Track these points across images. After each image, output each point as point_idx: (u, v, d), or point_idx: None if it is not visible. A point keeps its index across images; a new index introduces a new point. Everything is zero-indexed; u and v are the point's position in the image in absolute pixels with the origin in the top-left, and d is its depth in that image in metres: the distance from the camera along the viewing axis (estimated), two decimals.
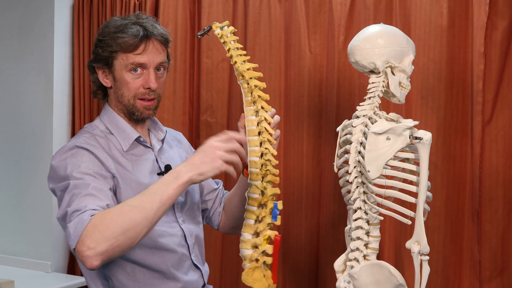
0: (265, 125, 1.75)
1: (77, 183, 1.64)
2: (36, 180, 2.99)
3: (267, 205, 1.75)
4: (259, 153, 1.74)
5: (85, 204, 1.58)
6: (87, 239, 1.51)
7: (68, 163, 1.69)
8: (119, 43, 1.77)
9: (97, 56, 1.82)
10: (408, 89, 1.89)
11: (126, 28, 1.78)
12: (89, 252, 1.51)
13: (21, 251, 3.03)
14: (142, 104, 1.81)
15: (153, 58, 1.79)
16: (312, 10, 2.56)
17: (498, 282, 2.31)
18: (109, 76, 1.83)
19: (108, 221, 1.53)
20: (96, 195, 1.62)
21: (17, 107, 3.05)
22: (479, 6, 2.28)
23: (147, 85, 1.79)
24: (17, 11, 3.03)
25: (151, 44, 1.79)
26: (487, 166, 2.30)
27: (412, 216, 1.79)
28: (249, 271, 1.74)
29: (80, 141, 1.76)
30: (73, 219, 1.56)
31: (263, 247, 1.74)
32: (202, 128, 2.76)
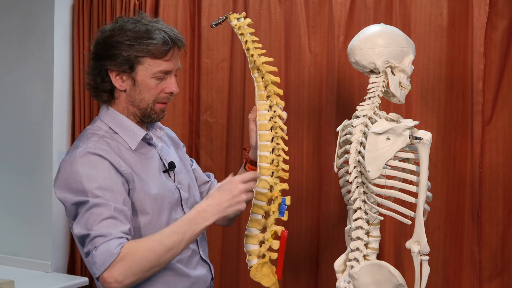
0: (278, 120, 1.75)
1: (97, 202, 1.64)
2: (36, 180, 2.99)
3: (275, 200, 1.74)
4: (271, 148, 1.75)
5: (109, 230, 1.61)
6: (115, 272, 1.58)
7: (82, 174, 1.67)
8: (150, 49, 1.74)
9: (117, 58, 1.76)
10: (408, 89, 1.89)
11: (154, 34, 1.76)
12: (116, 285, 1.58)
13: (21, 251, 3.03)
14: (160, 108, 1.82)
15: (176, 64, 1.81)
16: (312, 10, 2.56)
17: (498, 282, 2.31)
18: (127, 80, 1.78)
19: (138, 258, 1.59)
20: (118, 218, 1.64)
21: (17, 108, 3.05)
22: (479, 6, 2.28)
23: (169, 90, 1.79)
24: (17, 12, 3.03)
25: (176, 50, 1.81)
26: (487, 166, 2.30)
27: (412, 216, 1.79)
28: (258, 267, 1.74)
29: (91, 146, 1.72)
30: (99, 246, 1.59)
31: (269, 243, 1.74)
32: (202, 128, 2.76)
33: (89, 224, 1.62)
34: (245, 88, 2.65)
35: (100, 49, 1.79)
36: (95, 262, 1.59)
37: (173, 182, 1.86)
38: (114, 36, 1.76)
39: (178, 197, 1.85)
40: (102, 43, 1.78)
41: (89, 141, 1.75)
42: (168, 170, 1.86)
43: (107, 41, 1.77)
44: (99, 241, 1.60)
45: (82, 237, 1.64)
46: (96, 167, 1.68)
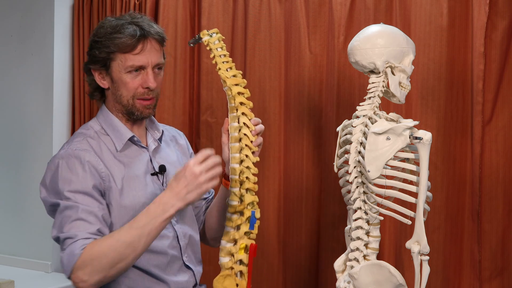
0: (246, 131, 1.75)
1: (68, 205, 1.68)
2: (36, 180, 2.96)
3: (245, 213, 1.74)
4: (239, 160, 1.75)
5: (75, 232, 1.65)
6: (80, 272, 1.62)
7: (59, 176, 1.72)
8: (117, 43, 1.75)
9: (94, 58, 1.81)
10: (408, 89, 1.89)
11: (122, 28, 1.76)
12: (82, 284, 1.63)
13: (21, 251, 3.03)
14: (142, 104, 1.81)
15: (151, 58, 1.78)
16: (312, 10, 2.56)
17: (498, 282, 2.31)
18: (106, 77, 1.81)
19: (98, 256, 1.62)
20: (86, 219, 1.67)
21: (17, 108, 3.05)
22: (479, 6, 2.28)
23: (145, 84, 1.79)
24: (17, 12, 3.03)
25: (148, 43, 1.78)
26: (487, 166, 2.30)
27: (412, 216, 1.79)
28: (219, 278, 1.74)
29: (72, 147, 1.77)
30: (65, 248, 1.64)
31: (239, 256, 1.73)
32: (202, 128, 2.76)
33: (61, 227, 1.68)
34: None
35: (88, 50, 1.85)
36: (63, 263, 1.65)
37: (161, 185, 1.85)
38: (93, 36, 1.82)
39: None
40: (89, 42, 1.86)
41: (73, 142, 1.79)
42: (157, 173, 1.86)
43: (90, 40, 1.84)
44: (67, 243, 1.65)
45: (56, 240, 1.69)
46: (72, 170, 1.72)
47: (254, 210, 1.74)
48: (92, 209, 1.69)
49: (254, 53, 2.64)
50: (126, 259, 1.63)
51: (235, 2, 2.70)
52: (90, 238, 1.64)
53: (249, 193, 1.75)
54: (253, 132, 1.77)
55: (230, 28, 2.71)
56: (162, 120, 2.75)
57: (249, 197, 1.75)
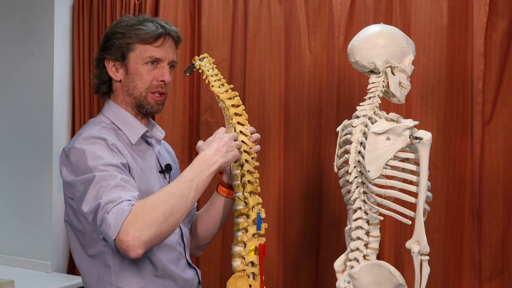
0: (242, 137, 1.81)
1: (104, 175, 1.64)
2: (36, 180, 2.99)
3: (250, 215, 1.79)
4: (239, 166, 1.81)
5: (119, 195, 1.60)
6: (131, 228, 1.54)
7: (88, 155, 1.68)
8: (139, 34, 1.80)
9: (111, 48, 1.83)
10: (408, 89, 1.89)
11: (145, 22, 1.83)
12: (134, 241, 1.54)
13: (21, 251, 3.03)
14: (154, 98, 1.84)
15: (169, 54, 1.84)
16: (312, 10, 2.56)
17: (498, 282, 2.31)
18: (120, 68, 1.83)
19: (150, 209, 1.57)
20: (126, 186, 1.65)
21: (17, 108, 3.05)
22: (479, 6, 2.28)
23: (161, 77, 1.82)
24: (17, 12, 3.03)
25: (168, 40, 1.85)
26: (487, 166, 2.30)
27: (412, 216, 1.79)
28: (231, 280, 1.77)
29: (94, 131, 1.75)
30: (110, 210, 1.57)
31: (249, 258, 1.77)
32: (202, 128, 2.76)
33: (98, 196, 1.62)
34: (245, 88, 2.64)
35: (101, 43, 1.88)
36: (109, 225, 1.56)
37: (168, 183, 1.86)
38: (112, 28, 1.86)
39: None
40: (103, 37, 1.88)
41: (93, 128, 1.79)
42: (164, 171, 1.88)
43: (106, 34, 1.87)
44: (110, 206, 1.58)
45: (93, 211, 1.62)
46: (101, 148, 1.71)
47: (259, 211, 1.79)
48: (129, 179, 1.68)
49: (254, 53, 2.64)
50: (177, 212, 1.61)
51: (235, 2, 2.70)
52: (133, 200, 1.60)
53: (252, 195, 1.81)
54: (250, 139, 1.83)
55: (230, 28, 2.71)
56: (162, 120, 2.75)
57: (253, 200, 1.80)
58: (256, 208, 1.79)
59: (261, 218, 1.79)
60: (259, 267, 1.77)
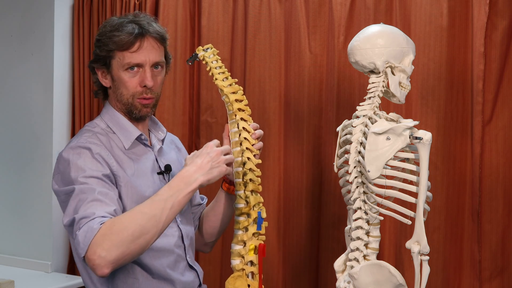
0: (245, 134, 1.80)
1: (83, 188, 1.64)
2: (36, 180, 2.99)
3: (251, 214, 1.78)
4: (241, 164, 1.79)
5: (92, 210, 1.59)
6: (98, 248, 1.53)
7: (72, 166, 1.69)
8: (115, 41, 1.77)
9: (96, 56, 1.83)
10: (408, 89, 1.89)
11: (121, 27, 1.78)
12: (100, 261, 1.53)
13: (21, 251, 3.03)
14: (140, 102, 1.82)
15: (148, 56, 1.79)
16: (312, 10, 2.56)
17: (498, 282, 2.31)
18: (107, 76, 1.83)
19: (118, 229, 1.54)
20: (103, 200, 1.63)
21: (17, 108, 3.05)
22: (479, 6, 2.28)
23: (143, 83, 1.79)
24: (17, 12, 3.03)
25: (146, 41, 1.79)
26: (487, 166, 2.30)
27: (412, 216, 1.79)
28: (230, 280, 1.76)
29: (82, 140, 1.76)
30: (82, 227, 1.57)
31: (249, 257, 1.76)
32: (202, 128, 2.75)
33: (76, 209, 1.62)
34: (245, 88, 2.64)
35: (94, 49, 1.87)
36: (78, 242, 1.56)
37: None
38: (97, 35, 1.84)
39: None
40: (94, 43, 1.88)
41: (82, 136, 1.78)
42: (163, 172, 1.87)
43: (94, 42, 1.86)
44: (83, 222, 1.58)
45: (70, 223, 1.63)
46: (85, 159, 1.70)
47: (260, 210, 1.78)
48: (108, 192, 1.66)
49: (254, 53, 2.64)
50: (148, 233, 1.57)
51: (235, 2, 2.70)
52: (106, 217, 1.58)
53: (254, 194, 1.80)
54: (253, 136, 1.81)
55: (230, 28, 2.71)
56: (162, 120, 2.74)
57: (254, 199, 1.79)
58: (257, 207, 1.79)
59: (262, 217, 1.78)
60: (258, 266, 1.77)
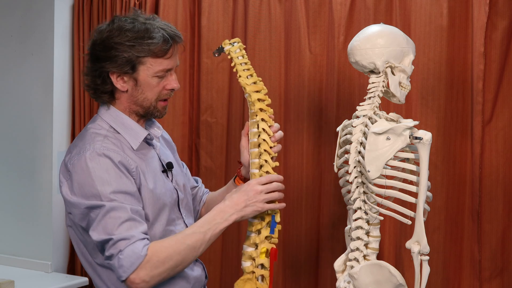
0: (265, 136, 1.79)
1: (114, 206, 1.65)
2: (36, 180, 2.99)
3: (265, 217, 1.78)
4: (258, 165, 1.79)
5: (131, 233, 1.64)
6: (142, 273, 1.62)
7: (95, 178, 1.66)
8: (151, 48, 1.73)
9: (117, 60, 1.73)
10: (408, 89, 1.89)
11: (154, 33, 1.74)
12: (143, 285, 1.63)
13: (21, 251, 3.03)
14: (162, 105, 1.82)
15: (176, 61, 1.81)
16: (312, 10, 2.56)
17: (498, 282, 2.31)
18: (129, 80, 1.76)
19: (164, 258, 1.65)
20: (136, 219, 1.67)
21: (17, 108, 3.05)
22: (479, 6, 2.28)
23: (170, 86, 1.79)
24: (17, 12, 3.03)
25: (175, 47, 1.80)
26: (487, 166, 2.30)
27: (412, 216, 1.79)
28: (240, 282, 1.77)
29: (98, 146, 1.71)
30: (124, 250, 1.62)
31: (260, 260, 1.76)
32: (202, 128, 2.76)
33: (109, 229, 1.63)
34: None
35: (98, 51, 1.76)
36: (121, 265, 1.61)
37: (171, 183, 1.86)
38: (113, 37, 1.74)
39: (176, 197, 1.85)
40: (100, 44, 1.76)
41: (95, 141, 1.73)
42: (167, 171, 1.87)
43: (105, 42, 1.75)
44: (122, 245, 1.62)
45: (102, 242, 1.65)
46: (108, 170, 1.68)
47: (274, 214, 1.78)
48: (137, 208, 1.69)
49: (254, 53, 2.64)
50: (186, 262, 1.70)
51: (235, 2, 2.70)
52: (144, 239, 1.65)
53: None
54: (273, 139, 1.81)
55: (230, 28, 2.71)
56: (162, 120, 2.73)
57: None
58: (271, 211, 1.78)
59: (276, 221, 1.79)
60: (269, 271, 1.77)
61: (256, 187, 1.74)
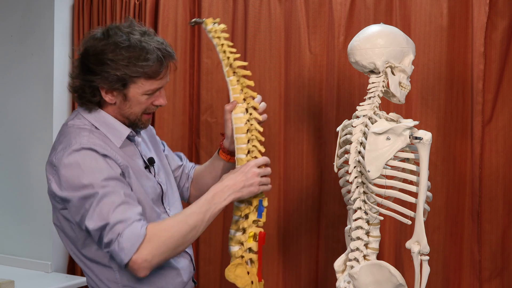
0: (254, 123, 1.80)
1: (106, 192, 1.66)
2: (36, 180, 2.99)
3: (252, 202, 1.79)
4: (246, 150, 1.80)
5: (127, 215, 1.65)
6: (144, 252, 1.63)
7: (84, 169, 1.67)
8: (146, 71, 1.72)
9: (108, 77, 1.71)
10: (408, 89, 1.89)
11: (149, 55, 1.72)
12: (145, 264, 1.64)
13: (21, 251, 3.03)
14: (146, 118, 1.84)
15: (167, 79, 1.81)
16: (312, 10, 2.56)
17: (498, 282, 2.31)
18: (118, 95, 1.76)
19: (165, 237, 1.67)
20: (130, 202, 1.68)
21: (17, 108, 3.05)
22: (479, 6, 2.28)
23: (158, 103, 1.81)
24: (17, 12, 3.03)
25: (168, 68, 1.80)
26: (487, 166, 2.30)
27: (412, 216, 1.79)
28: (231, 268, 1.78)
29: (84, 141, 1.71)
30: (123, 232, 1.62)
31: (248, 244, 1.77)
32: (202, 128, 2.76)
33: (104, 214, 1.64)
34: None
35: (91, 63, 1.74)
36: (122, 248, 1.62)
37: (154, 177, 1.87)
38: (107, 53, 1.72)
39: (159, 192, 1.87)
40: (93, 56, 1.74)
41: (81, 136, 1.73)
42: (149, 166, 1.88)
43: (99, 56, 1.73)
44: (120, 228, 1.63)
45: (99, 229, 1.65)
46: (97, 160, 1.70)
47: (262, 198, 1.79)
48: (130, 192, 1.71)
49: (254, 53, 2.64)
50: (187, 242, 1.71)
51: (235, 2, 2.70)
52: (141, 219, 1.66)
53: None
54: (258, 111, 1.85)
55: (230, 28, 2.71)
56: (162, 120, 2.75)
57: None
58: (259, 195, 1.79)
59: (263, 206, 1.80)
60: (258, 254, 1.78)
61: (254, 169, 1.77)
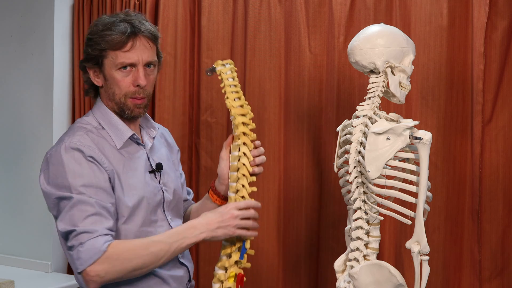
0: (244, 161, 1.78)
1: (81, 199, 1.67)
2: (36, 180, 2.97)
3: (236, 243, 1.77)
4: (235, 189, 1.78)
5: (94, 227, 1.65)
6: (99, 268, 1.63)
7: (68, 170, 1.70)
8: (107, 40, 1.76)
9: (88, 55, 1.81)
10: (408, 89, 1.89)
11: (113, 26, 1.77)
12: (97, 279, 1.64)
13: (21, 251, 3.03)
14: (133, 102, 1.81)
15: (141, 55, 1.78)
16: (312, 10, 2.56)
17: (498, 282, 2.31)
18: (100, 75, 1.81)
19: (123, 259, 1.65)
20: (103, 214, 1.68)
21: (17, 108, 3.05)
22: (479, 6, 2.28)
23: (136, 82, 1.78)
24: (17, 12, 3.03)
25: (138, 40, 1.78)
26: (487, 166, 2.30)
27: (412, 216, 1.79)
28: None
29: (75, 140, 1.75)
30: (85, 242, 1.63)
31: (227, 284, 1.76)
32: (202, 128, 2.76)
33: (74, 220, 1.66)
34: (245, 88, 2.64)
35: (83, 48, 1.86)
36: (79, 258, 1.63)
37: (158, 183, 1.86)
38: (88, 34, 1.83)
39: (160, 198, 1.85)
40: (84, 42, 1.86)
41: (75, 135, 1.77)
42: (155, 171, 1.86)
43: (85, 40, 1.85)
44: (84, 237, 1.64)
45: (67, 233, 1.67)
46: (81, 163, 1.71)
47: (245, 240, 1.76)
48: (105, 204, 1.70)
49: (254, 53, 2.64)
50: (145, 268, 1.69)
51: (235, 2, 2.70)
52: (108, 235, 1.66)
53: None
54: (252, 163, 1.79)
55: (230, 28, 2.71)
56: (162, 120, 2.75)
57: None
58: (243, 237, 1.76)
59: (246, 247, 1.76)
60: None
61: (232, 211, 1.72)
